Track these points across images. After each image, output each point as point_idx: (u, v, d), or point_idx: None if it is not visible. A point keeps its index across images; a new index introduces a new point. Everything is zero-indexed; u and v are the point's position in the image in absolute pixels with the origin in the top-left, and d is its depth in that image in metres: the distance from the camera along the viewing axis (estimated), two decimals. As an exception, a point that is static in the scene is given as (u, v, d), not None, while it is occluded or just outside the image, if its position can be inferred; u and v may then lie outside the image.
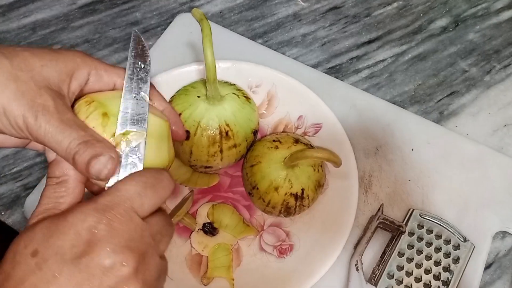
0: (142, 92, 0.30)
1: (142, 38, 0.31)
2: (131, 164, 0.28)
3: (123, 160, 0.28)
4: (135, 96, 0.30)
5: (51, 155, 0.28)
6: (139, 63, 0.31)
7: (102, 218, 0.24)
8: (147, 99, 0.30)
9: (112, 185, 0.27)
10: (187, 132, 0.43)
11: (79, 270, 0.23)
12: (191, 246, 0.46)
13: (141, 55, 0.31)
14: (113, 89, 0.31)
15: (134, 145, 0.28)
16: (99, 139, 0.27)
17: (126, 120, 0.29)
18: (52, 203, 0.26)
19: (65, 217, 0.24)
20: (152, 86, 0.33)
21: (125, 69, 0.32)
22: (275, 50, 0.58)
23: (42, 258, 0.23)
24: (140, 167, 0.28)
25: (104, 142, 0.27)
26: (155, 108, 0.33)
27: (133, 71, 0.31)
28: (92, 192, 0.31)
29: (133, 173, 0.28)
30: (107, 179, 0.27)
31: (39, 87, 0.27)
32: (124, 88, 0.30)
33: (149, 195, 0.26)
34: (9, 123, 0.26)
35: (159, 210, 0.28)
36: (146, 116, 0.30)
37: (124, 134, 0.28)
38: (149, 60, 0.31)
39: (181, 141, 0.41)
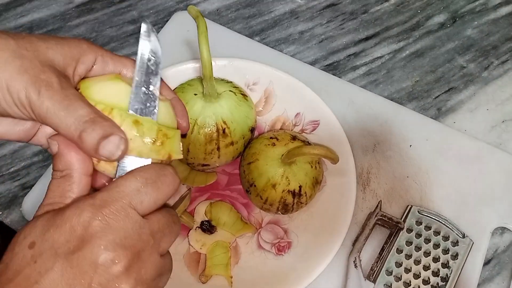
0: (151, 86, 0.29)
1: (153, 29, 0.30)
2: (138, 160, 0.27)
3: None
4: (145, 90, 0.28)
5: (54, 147, 0.27)
6: (150, 55, 0.29)
7: (98, 214, 0.24)
8: (157, 93, 0.29)
9: (113, 181, 0.26)
10: (184, 130, 0.43)
11: (71, 265, 0.23)
12: (189, 244, 0.46)
13: (152, 46, 0.29)
14: None
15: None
16: (106, 118, 0.26)
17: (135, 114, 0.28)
18: (56, 197, 0.26)
19: (63, 211, 0.24)
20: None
21: (132, 60, 0.31)
22: (272, 47, 0.58)
23: (38, 250, 0.23)
24: (147, 161, 0.27)
25: (111, 121, 0.26)
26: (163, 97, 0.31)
27: (143, 63, 0.29)
28: (95, 188, 0.30)
29: (135, 169, 0.27)
30: (117, 160, 0.26)
31: (43, 65, 0.26)
32: (133, 81, 0.28)
33: (150, 191, 0.26)
34: (12, 101, 0.26)
35: (163, 208, 0.27)
36: (156, 111, 0.28)
37: (134, 123, 0.27)
38: (160, 52, 0.30)
39: (185, 133, 0.41)
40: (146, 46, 0.29)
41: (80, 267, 0.23)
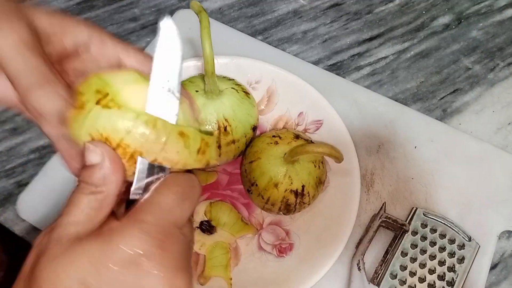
0: (173, 84, 0.25)
1: (173, 22, 0.26)
2: (158, 167, 0.25)
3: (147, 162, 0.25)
4: (163, 88, 0.25)
5: (95, 157, 0.23)
6: (170, 48, 0.26)
7: (155, 241, 0.22)
8: (177, 93, 0.26)
9: (149, 196, 0.24)
10: (185, 127, 0.42)
11: None
12: (188, 245, 0.45)
13: (172, 39, 0.26)
14: (117, 67, 0.28)
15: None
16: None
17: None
18: (84, 216, 0.23)
19: (114, 242, 0.22)
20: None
21: (135, 48, 0.28)
22: (275, 47, 0.57)
23: None
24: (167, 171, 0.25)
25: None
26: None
27: (162, 58, 0.25)
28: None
29: (167, 181, 0.25)
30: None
31: (19, 19, 0.24)
32: (152, 78, 0.25)
33: (187, 207, 0.25)
34: None
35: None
36: (176, 115, 0.25)
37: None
38: (182, 46, 0.26)
39: None
40: (165, 39, 0.26)
41: None
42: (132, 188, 0.25)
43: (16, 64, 0.24)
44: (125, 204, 0.26)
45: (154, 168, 0.25)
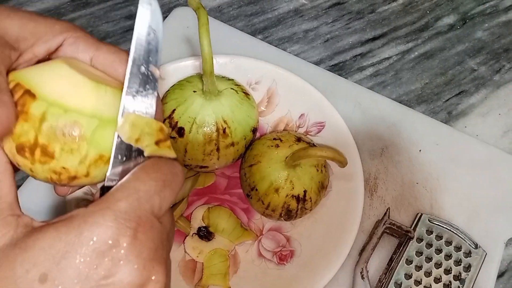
0: (151, 65, 0.24)
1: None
2: (137, 151, 0.23)
3: (126, 146, 0.23)
4: (144, 71, 0.24)
5: None
6: (149, 29, 0.24)
7: (126, 230, 0.20)
8: (158, 73, 0.25)
9: (125, 181, 0.22)
10: (182, 129, 0.41)
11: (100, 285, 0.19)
12: (185, 252, 0.43)
13: (152, 17, 0.24)
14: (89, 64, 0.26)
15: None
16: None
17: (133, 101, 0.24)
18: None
19: (78, 230, 0.20)
20: None
21: (108, 44, 0.26)
22: (275, 46, 0.56)
23: (55, 285, 0.19)
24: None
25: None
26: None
27: (141, 38, 0.24)
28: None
29: (146, 166, 0.23)
30: None
31: None
32: (130, 58, 0.24)
33: (167, 195, 0.23)
34: None
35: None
36: (156, 94, 0.24)
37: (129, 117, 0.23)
38: (162, 26, 0.25)
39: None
40: (145, 18, 0.24)
41: None
42: (108, 174, 0.23)
43: None
44: (100, 191, 0.24)
45: (132, 152, 0.23)
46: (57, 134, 0.22)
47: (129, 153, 0.23)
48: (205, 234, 0.44)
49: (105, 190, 0.23)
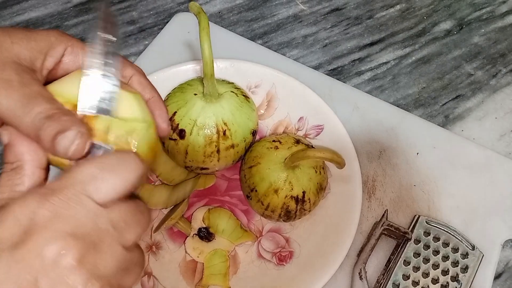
0: (111, 68, 0.26)
1: (110, 8, 0.28)
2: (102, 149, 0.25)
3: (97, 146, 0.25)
4: (102, 73, 0.26)
5: (5, 137, 0.25)
6: (107, 35, 0.27)
7: (45, 203, 0.21)
8: (117, 74, 0.27)
9: (66, 170, 0.24)
10: (183, 131, 0.41)
11: (15, 260, 0.20)
12: (186, 252, 0.44)
13: (109, 25, 0.27)
14: None
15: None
16: (67, 112, 0.25)
17: (89, 101, 0.26)
18: (7, 192, 0.24)
19: (8, 205, 0.22)
20: (138, 71, 0.30)
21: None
22: (275, 51, 0.57)
23: None
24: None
25: (72, 116, 0.25)
26: (129, 87, 0.29)
27: (98, 44, 0.27)
28: None
29: (95, 157, 0.25)
30: (75, 157, 0.24)
31: (4, 63, 0.25)
32: (85, 63, 0.27)
33: (107, 177, 0.23)
34: None
35: (130, 197, 0.25)
36: (115, 95, 0.26)
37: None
38: (119, 32, 0.28)
39: (164, 137, 0.39)
40: (101, 23, 0.27)
41: (25, 262, 0.20)
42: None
43: (17, 116, 0.25)
44: None
45: (93, 149, 0.25)
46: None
47: (91, 148, 0.26)
48: (205, 235, 0.44)
49: None
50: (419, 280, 0.43)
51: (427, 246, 0.45)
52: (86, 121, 0.25)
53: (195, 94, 0.42)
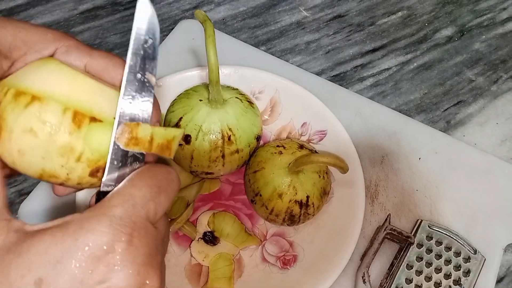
0: (147, 73, 0.25)
1: (151, 5, 0.25)
2: (132, 157, 0.24)
3: (122, 152, 0.24)
4: (140, 77, 0.25)
5: None
6: (147, 35, 0.25)
7: (121, 235, 0.21)
8: (154, 81, 0.25)
9: (121, 188, 0.23)
10: (188, 136, 0.42)
11: None
12: (191, 256, 0.44)
13: (150, 24, 0.25)
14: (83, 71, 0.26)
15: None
16: None
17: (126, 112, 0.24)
18: None
19: (74, 236, 0.20)
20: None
21: (102, 51, 0.27)
22: (278, 57, 0.57)
23: None
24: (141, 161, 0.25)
25: None
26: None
27: (139, 45, 0.25)
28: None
29: (141, 172, 0.24)
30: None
31: None
32: (126, 65, 0.25)
33: (162, 201, 0.23)
34: None
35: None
36: (152, 101, 0.25)
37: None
38: (159, 33, 0.26)
39: None
40: (142, 24, 0.25)
41: None
42: (104, 179, 0.24)
43: None
44: (95, 196, 0.25)
45: (127, 158, 0.24)
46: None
47: (124, 159, 0.24)
48: (210, 238, 0.45)
49: (101, 195, 0.24)
50: (422, 284, 0.44)
51: (429, 250, 0.45)
52: (131, 130, 0.24)
53: (201, 100, 0.43)
